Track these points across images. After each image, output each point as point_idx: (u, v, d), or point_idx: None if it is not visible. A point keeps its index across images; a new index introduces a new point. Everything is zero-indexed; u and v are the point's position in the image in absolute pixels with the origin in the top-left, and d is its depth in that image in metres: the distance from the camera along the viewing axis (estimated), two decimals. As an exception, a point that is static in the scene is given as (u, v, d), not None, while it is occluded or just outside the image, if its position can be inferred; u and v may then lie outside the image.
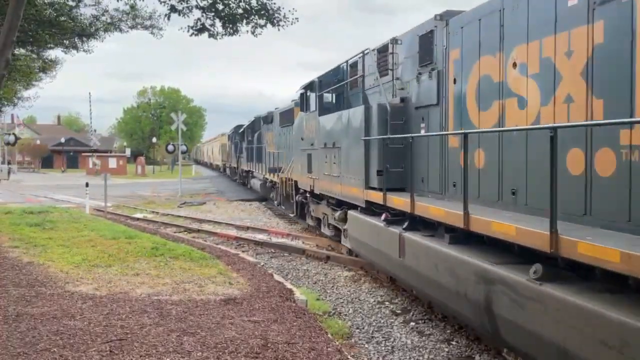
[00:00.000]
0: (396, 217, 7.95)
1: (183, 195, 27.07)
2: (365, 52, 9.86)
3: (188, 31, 12.41)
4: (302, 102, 13.35)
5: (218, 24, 12.24)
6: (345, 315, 7.78)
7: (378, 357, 6.23)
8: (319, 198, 12.75)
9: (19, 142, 53.78)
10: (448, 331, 6.96)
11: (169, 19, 12.26)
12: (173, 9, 11.99)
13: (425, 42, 7.80)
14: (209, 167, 66.20)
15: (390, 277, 9.21)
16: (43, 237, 11.65)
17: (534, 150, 5.41)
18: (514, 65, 5.79)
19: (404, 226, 7.53)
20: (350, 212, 9.96)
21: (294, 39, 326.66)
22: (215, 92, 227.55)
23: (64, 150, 72.80)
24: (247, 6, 11.93)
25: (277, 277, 8.94)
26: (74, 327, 5.82)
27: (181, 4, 11.95)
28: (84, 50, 18.24)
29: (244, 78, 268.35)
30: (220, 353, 5.19)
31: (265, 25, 12.25)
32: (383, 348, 6.48)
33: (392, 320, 7.49)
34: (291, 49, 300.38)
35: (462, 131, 6.33)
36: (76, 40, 17.61)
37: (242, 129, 30.09)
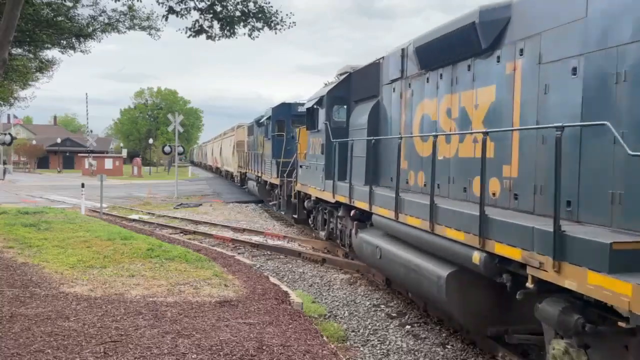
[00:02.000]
0: None
1: (179, 197, 27.00)
2: None
3: (186, 33, 12.40)
4: None
5: (216, 25, 12.24)
6: (341, 318, 7.78)
7: (373, 361, 6.23)
8: None
9: (15, 142, 53.62)
10: (443, 335, 6.97)
11: (166, 20, 12.25)
12: (171, 10, 11.98)
13: None
14: (215, 173, 51.24)
15: (387, 280, 9.20)
16: (38, 237, 11.60)
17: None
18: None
19: None
20: None
21: (293, 42, 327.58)
22: (213, 95, 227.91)
23: (60, 151, 72.59)
24: (244, 9, 11.94)
25: (272, 279, 8.93)
26: (68, 328, 5.80)
27: (179, 5, 11.95)
28: (81, 51, 18.20)
29: (242, 81, 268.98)
30: (215, 355, 5.18)
31: (262, 28, 12.25)
32: (378, 351, 6.48)
33: (388, 323, 7.49)
34: (290, 52, 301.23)
35: None
36: (73, 40, 17.57)
37: (306, 106, 13.50)
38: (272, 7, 12.10)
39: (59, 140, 73.46)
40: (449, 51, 7.02)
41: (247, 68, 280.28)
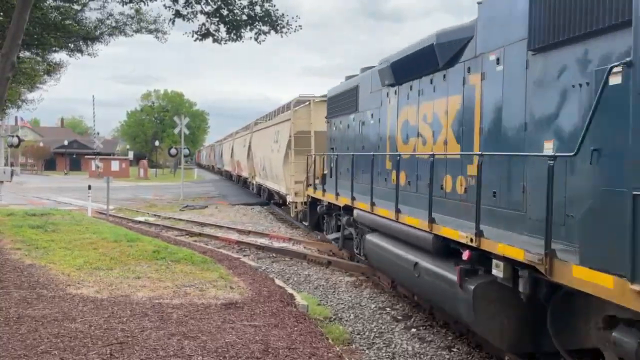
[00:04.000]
0: None
1: (185, 199, 27.08)
2: None
3: (192, 36, 12.45)
4: None
5: (222, 29, 12.27)
6: (346, 320, 7.77)
7: (378, 364, 6.21)
8: None
9: (22, 144, 53.87)
10: (449, 338, 6.95)
11: (173, 23, 12.31)
12: (178, 14, 12.03)
13: None
14: (240, 185, 35.07)
15: (392, 282, 9.17)
16: (45, 239, 11.66)
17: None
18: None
19: None
20: None
21: (300, 44, 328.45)
22: (220, 97, 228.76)
23: (67, 153, 73.00)
24: (251, 12, 11.97)
25: (278, 281, 8.94)
26: (75, 329, 5.83)
27: (186, 9, 12.00)
28: (88, 54, 18.29)
29: (249, 83, 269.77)
30: (221, 357, 5.19)
31: (268, 32, 12.27)
32: (384, 354, 6.47)
33: (393, 326, 7.47)
34: (296, 54, 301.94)
35: None
36: (81, 43, 17.67)
37: None
38: (278, 10, 12.14)
39: (65, 142, 73.89)
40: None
41: (253, 70, 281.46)
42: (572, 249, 4.53)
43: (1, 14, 15.00)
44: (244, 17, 12.02)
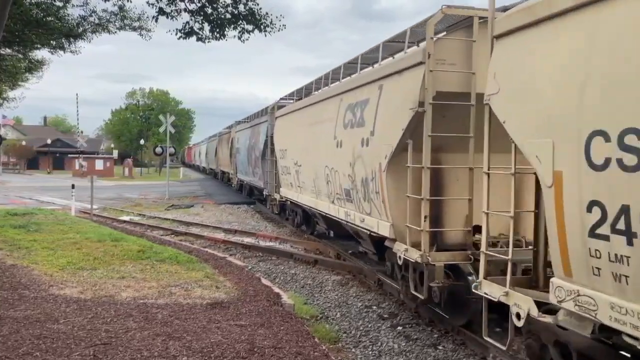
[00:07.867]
0: None
1: (171, 198, 26.88)
2: None
3: (176, 34, 12.35)
4: None
5: (206, 27, 12.18)
6: (333, 319, 7.77)
7: (365, 362, 6.22)
8: None
9: (5, 143, 53.13)
10: (435, 336, 6.98)
11: (156, 21, 12.20)
12: (161, 11, 11.92)
13: None
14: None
15: (378, 280, 9.23)
16: (27, 239, 11.49)
17: None
18: None
19: None
20: None
21: (291, 44, 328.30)
22: (208, 96, 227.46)
23: (50, 152, 72.03)
24: (234, 11, 11.89)
25: (264, 280, 8.92)
26: (58, 331, 5.75)
27: (169, 6, 11.89)
28: (71, 51, 18.05)
29: (237, 82, 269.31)
30: (206, 357, 5.16)
31: (252, 31, 12.21)
32: (370, 352, 6.48)
33: (380, 324, 7.49)
34: (287, 54, 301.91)
35: None
36: (63, 40, 17.43)
37: None
38: (261, 9, 12.08)
39: (49, 141, 72.91)
40: None
41: (243, 69, 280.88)
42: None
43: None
44: (228, 16, 11.94)
